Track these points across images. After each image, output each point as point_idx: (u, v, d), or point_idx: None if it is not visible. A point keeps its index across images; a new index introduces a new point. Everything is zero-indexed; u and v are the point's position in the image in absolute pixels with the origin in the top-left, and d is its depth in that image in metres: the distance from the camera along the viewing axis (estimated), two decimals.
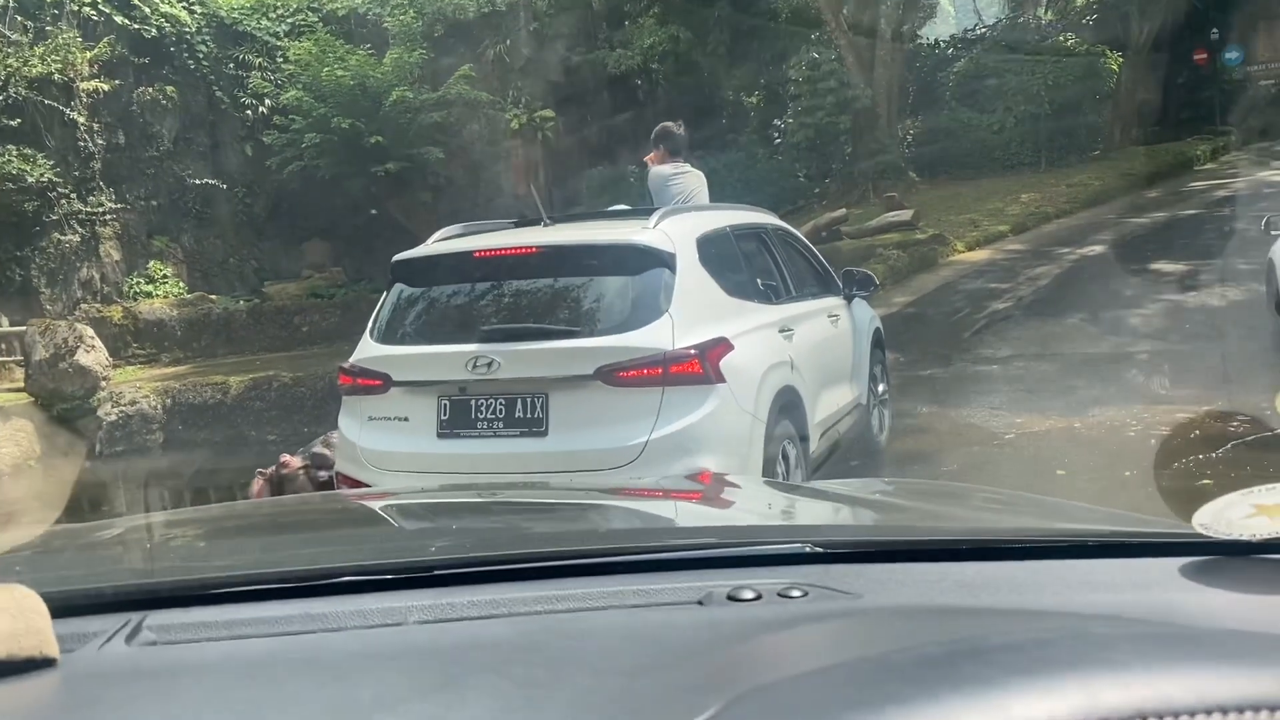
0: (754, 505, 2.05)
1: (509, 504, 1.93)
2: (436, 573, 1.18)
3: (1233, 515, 0.99)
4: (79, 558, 1.52)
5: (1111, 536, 1.27)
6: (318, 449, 5.56)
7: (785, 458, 4.50)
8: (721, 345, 4.18)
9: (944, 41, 24.98)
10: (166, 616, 1.08)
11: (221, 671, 0.93)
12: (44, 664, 0.86)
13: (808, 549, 1.19)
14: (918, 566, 1.16)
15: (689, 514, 1.90)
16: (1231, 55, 22.27)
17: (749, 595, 1.01)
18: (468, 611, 1.05)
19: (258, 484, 5.27)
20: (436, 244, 4.88)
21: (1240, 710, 0.60)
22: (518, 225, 5.22)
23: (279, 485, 5.17)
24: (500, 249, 4.58)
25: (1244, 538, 0.98)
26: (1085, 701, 0.61)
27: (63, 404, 11.16)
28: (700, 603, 1.02)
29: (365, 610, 1.05)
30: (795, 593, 1.01)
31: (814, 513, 1.91)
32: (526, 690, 0.80)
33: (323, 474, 5.09)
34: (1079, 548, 1.23)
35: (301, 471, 5.37)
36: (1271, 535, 0.97)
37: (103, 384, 11.55)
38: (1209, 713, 0.60)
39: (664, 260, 4.29)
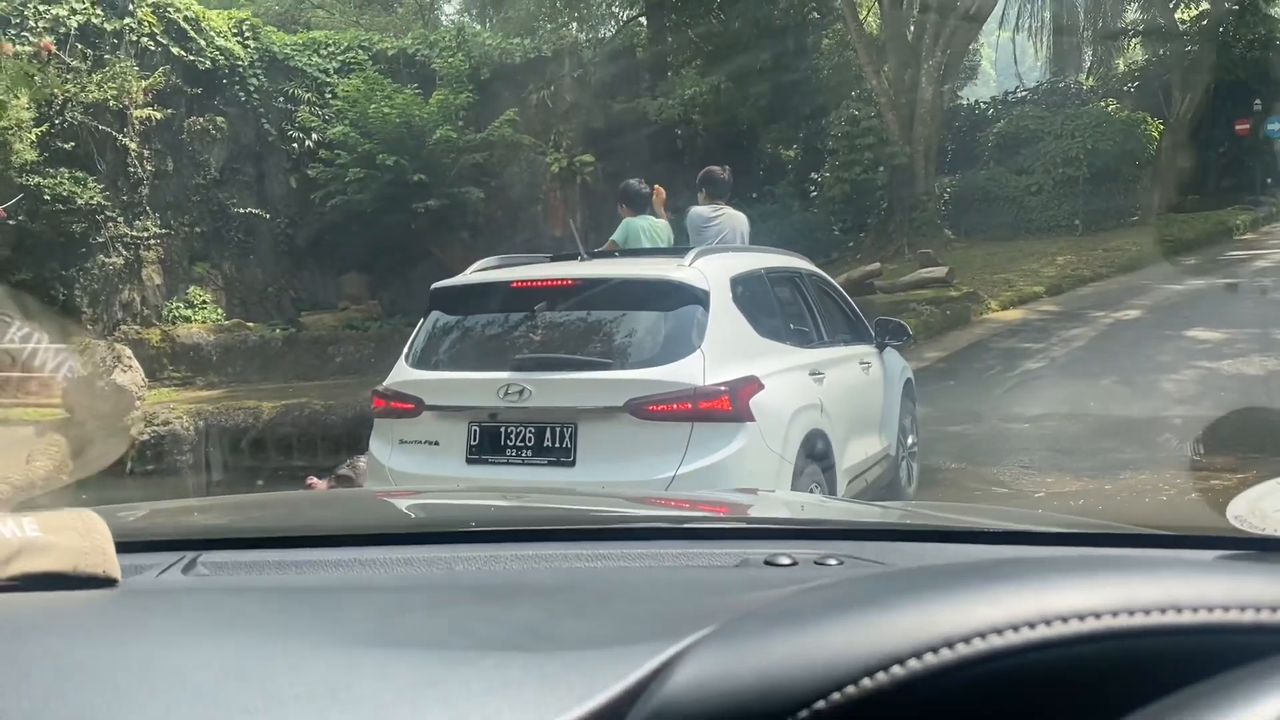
0: (794, 503, 2.08)
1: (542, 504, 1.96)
2: (482, 531, 1.21)
3: (1267, 506, 0.98)
4: (139, 510, 1.58)
5: (1144, 529, 1.27)
6: (343, 473, 5.62)
7: None
8: (752, 384, 4.18)
9: (984, 103, 25.10)
10: (222, 555, 1.12)
11: (271, 591, 0.96)
12: (105, 583, 0.90)
13: (845, 528, 1.21)
14: (950, 547, 1.18)
15: (730, 504, 1.93)
16: (1274, 126, 22.19)
17: (785, 561, 1.03)
18: (511, 564, 1.08)
19: None
20: (475, 274, 4.96)
21: (1225, 609, 0.62)
22: (554, 259, 5.29)
23: None
24: (537, 280, 4.63)
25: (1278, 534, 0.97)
26: (1081, 599, 0.64)
27: (97, 421, 11.31)
28: (737, 567, 1.04)
29: (413, 558, 1.08)
30: (831, 561, 1.03)
31: (851, 510, 1.93)
32: (571, 605, 0.82)
33: None
34: (1110, 537, 1.23)
35: None
36: None
37: (137, 404, 11.69)
38: (1195, 610, 0.63)
39: (698, 297, 4.33)
